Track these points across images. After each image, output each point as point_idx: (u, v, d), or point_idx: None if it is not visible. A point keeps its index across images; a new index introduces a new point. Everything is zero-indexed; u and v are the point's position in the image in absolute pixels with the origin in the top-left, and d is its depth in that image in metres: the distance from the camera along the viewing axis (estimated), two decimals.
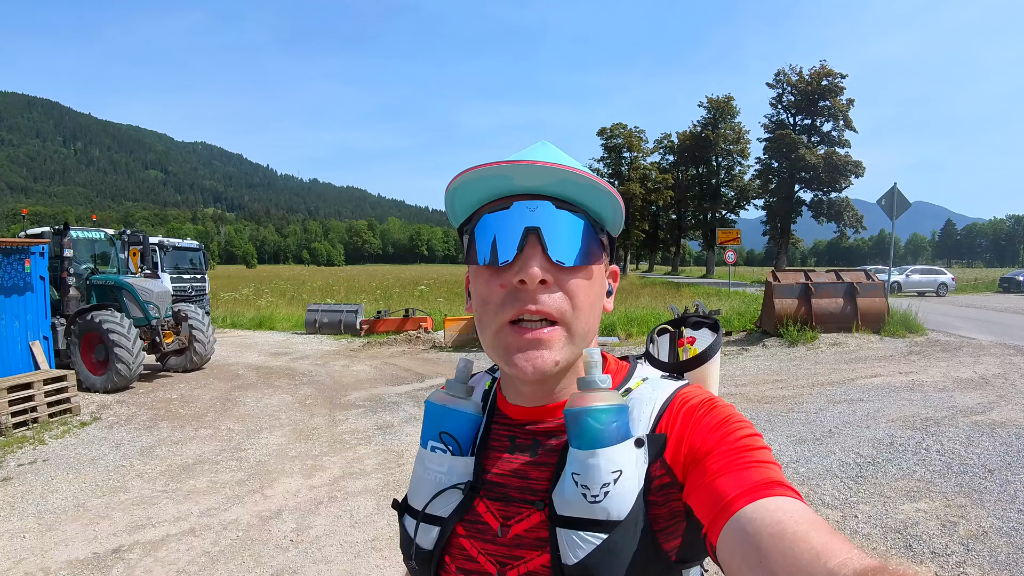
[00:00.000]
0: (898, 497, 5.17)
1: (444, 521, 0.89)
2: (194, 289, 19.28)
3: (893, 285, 31.22)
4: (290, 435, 7.60)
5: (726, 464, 0.73)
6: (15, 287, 8.88)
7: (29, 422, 7.84)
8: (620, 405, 0.80)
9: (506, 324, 0.81)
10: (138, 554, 4.46)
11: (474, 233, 0.85)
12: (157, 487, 5.84)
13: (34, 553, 4.52)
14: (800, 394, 8.95)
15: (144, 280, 11.26)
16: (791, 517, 0.63)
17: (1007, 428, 6.98)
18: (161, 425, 8.05)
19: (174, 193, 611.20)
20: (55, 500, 5.56)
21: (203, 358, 11.80)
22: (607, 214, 0.87)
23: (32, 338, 9.11)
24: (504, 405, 0.96)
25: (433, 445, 0.93)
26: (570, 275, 0.82)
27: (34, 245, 9.18)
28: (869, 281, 14.26)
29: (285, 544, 4.62)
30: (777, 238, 60.29)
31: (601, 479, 0.75)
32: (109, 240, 12.37)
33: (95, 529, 4.92)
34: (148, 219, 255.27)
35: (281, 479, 6.04)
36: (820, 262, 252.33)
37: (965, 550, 4.23)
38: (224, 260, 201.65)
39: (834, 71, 54.98)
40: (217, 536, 4.75)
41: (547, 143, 0.89)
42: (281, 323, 20.75)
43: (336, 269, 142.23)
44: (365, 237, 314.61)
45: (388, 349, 14.65)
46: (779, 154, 57.16)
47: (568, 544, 0.76)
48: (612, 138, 70.80)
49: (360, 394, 9.83)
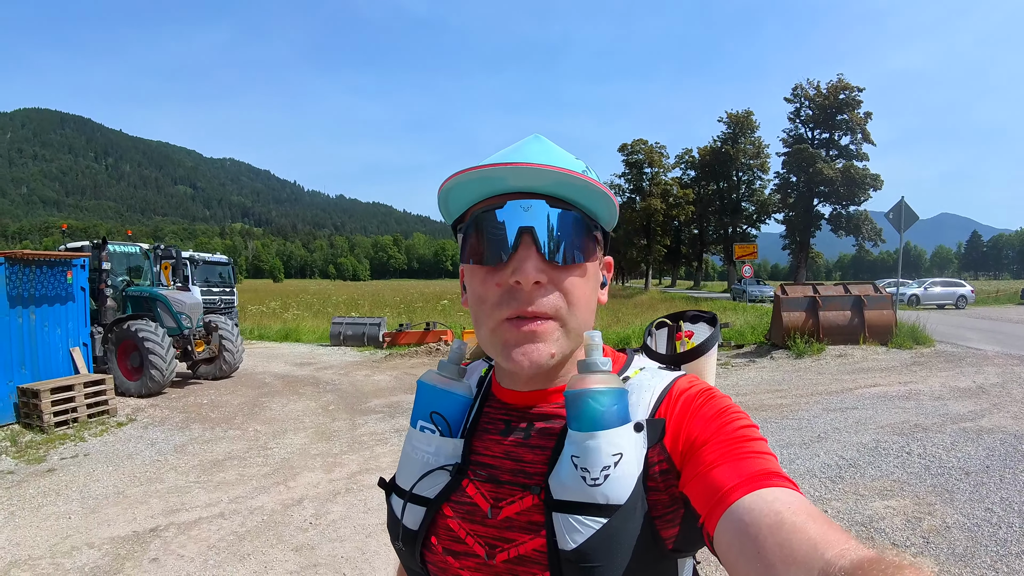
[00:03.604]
0: (871, 495, 5.52)
1: (431, 502, 0.90)
2: (223, 302, 19.93)
3: (912, 298, 31.24)
4: (312, 436, 8.12)
5: (723, 454, 0.74)
6: (57, 297, 9.42)
7: (70, 421, 8.42)
8: (620, 388, 0.81)
9: (503, 320, 0.82)
10: (173, 532, 4.99)
11: (468, 232, 0.87)
12: (190, 478, 6.39)
13: (79, 531, 5.06)
14: (797, 403, 9.28)
15: (177, 292, 11.93)
16: (789, 508, 0.64)
17: (993, 434, 7.23)
18: (193, 426, 8.60)
19: (203, 208, 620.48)
20: (97, 488, 6.11)
21: (232, 367, 12.39)
22: (601, 211, 0.88)
23: (72, 344, 9.66)
24: (499, 390, 0.97)
25: (423, 425, 0.95)
26: (565, 273, 0.83)
27: (76, 258, 9.77)
28: (877, 294, 14.50)
29: (305, 526, 5.14)
30: (796, 252, 60.28)
31: (601, 461, 0.76)
32: (144, 254, 13.05)
33: (134, 512, 5.45)
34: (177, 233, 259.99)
35: (303, 473, 6.56)
36: (845, 275, 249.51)
37: (925, 543, 4.57)
38: (251, 274, 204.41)
39: (851, 84, 55.18)
40: (244, 519, 5.28)
41: (540, 137, 0.90)
42: (307, 335, 21.32)
43: (361, 284, 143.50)
44: (390, 252, 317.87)
45: (409, 360, 15.13)
46: (797, 168, 57.27)
47: (565, 528, 0.76)
48: (633, 154, 71.02)
49: (380, 401, 10.32)
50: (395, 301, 37.28)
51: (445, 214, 0.93)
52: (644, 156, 70.39)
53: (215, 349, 11.92)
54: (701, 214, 70.95)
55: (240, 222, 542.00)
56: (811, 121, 58.46)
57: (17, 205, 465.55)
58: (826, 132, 57.86)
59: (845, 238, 57.59)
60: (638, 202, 68.55)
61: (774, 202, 63.00)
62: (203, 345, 11.74)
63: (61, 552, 4.67)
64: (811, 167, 54.82)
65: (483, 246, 0.84)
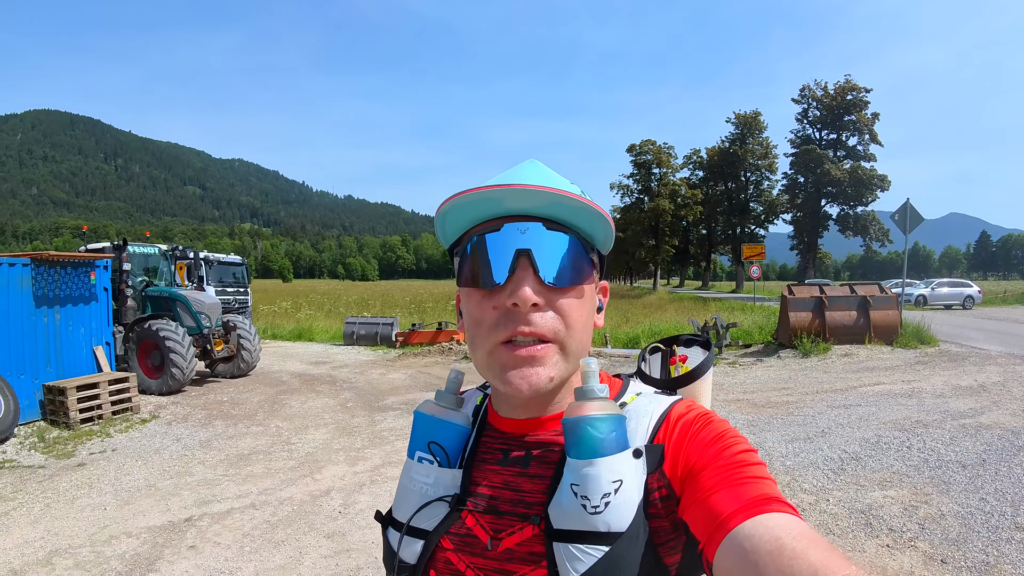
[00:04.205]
0: (871, 486, 5.78)
1: (429, 535, 0.89)
2: (237, 302, 20.30)
3: (919, 299, 31.35)
4: (334, 432, 8.42)
5: (722, 480, 0.74)
6: (81, 297, 9.71)
7: (95, 418, 8.73)
8: (619, 415, 0.80)
9: (499, 344, 0.82)
10: (208, 522, 5.28)
11: (465, 254, 0.87)
12: (218, 472, 6.69)
13: (116, 521, 5.35)
14: (802, 400, 9.51)
15: (197, 292, 12.24)
16: (789, 534, 0.64)
17: (992, 430, 7.45)
18: (215, 423, 8.90)
19: (212, 209, 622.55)
20: (128, 481, 6.41)
21: (249, 365, 12.72)
22: (597, 233, 0.88)
23: (95, 343, 9.96)
24: (496, 419, 0.97)
25: (420, 456, 0.94)
26: (561, 295, 0.83)
27: (99, 259, 10.06)
28: (882, 295, 14.69)
29: (334, 515, 5.44)
30: (804, 253, 60.40)
31: (601, 489, 0.75)
32: (162, 255, 13.37)
33: (167, 503, 5.75)
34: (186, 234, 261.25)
35: (328, 466, 6.86)
36: (853, 276, 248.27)
37: (920, 528, 4.83)
38: (260, 274, 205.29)
39: (858, 85, 55.35)
40: (275, 509, 5.57)
41: (536, 161, 0.91)
42: (320, 335, 21.66)
43: (370, 284, 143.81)
44: (399, 253, 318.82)
45: (422, 359, 15.44)
46: (805, 169, 57.55)
47: (567, 558, 0.76)
48: (641, 154, 71.02)
49: (396, 398, 10.61)
50: (405, 301, 37.69)
51: (442, 237, 0.93)
52: (652, 156, 70.39)
53: (233, 348, 12.22)
54: (709, 214, 70.95)
55: (249, 222, 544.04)
56: (818, 122, 58.68)
57: (27, 206, 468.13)
58: (833, 133, 58.08)
59: (853, 238, 57.69)
60: (646, 202, 68.65)
61: (782, 202, 63.12)
62: (222, 344, 12.05)
63: (100, 541, 4.95)
64: (819, 168, 55.05)
65: (480, 269, 0.84)
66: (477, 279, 0.84)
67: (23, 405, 8.26)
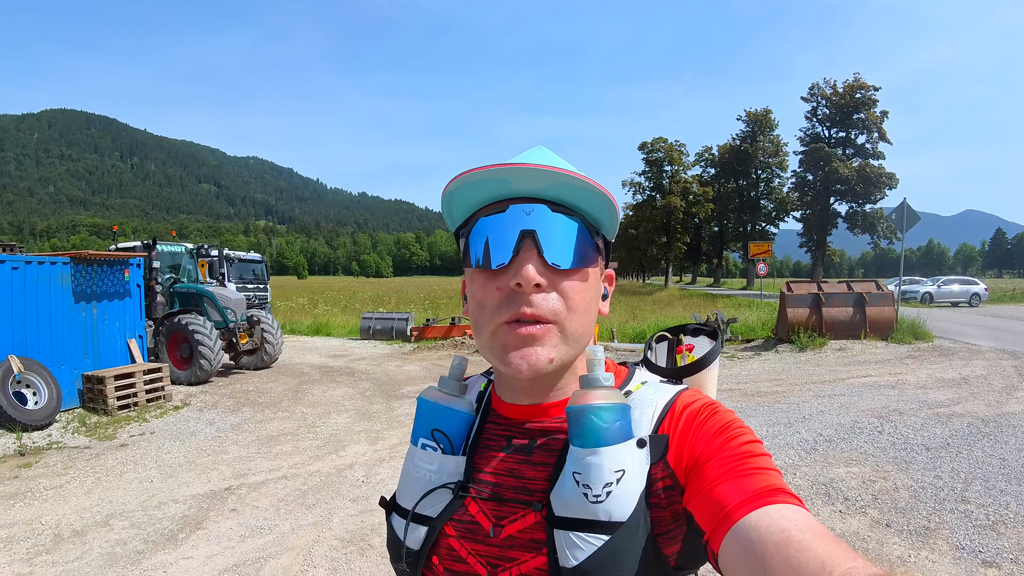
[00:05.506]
0: (836, 463, 6.40)
1: (433, 521, 0.90)
2: (257, 298, 20.95)
3: (925, 296, 31.69)
4: (354, 416, 9.10)
5: (727, 471, 0.73)
6: (116, 293, 10.35)
7: (131, 405, 9.40)
8: (623, 404, 0.80)
9: (502, 324, 0.82)
10: (246, 491, 5.99)
11: (470, 237, 0.86)
12: (251, 450, 7.39)
13: (162, 491, 6.03)
14: (791, 390, 10.10)
15: (223, 289, 12.97)
16: (795, 525, 0.63)
17: (963, 419, 7.99)
18: (244, 409, 9.60)
19: (226, 206, 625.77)
20: (169, 459, 7.09)
21: (272, 357, 13.41)
22: (603, 217, 0.87)
23: (129, 336, 10.61)
24: (499, 405, 0.96)
25: (424, 443, 0.94)
26: (565, 277, 0.83)
27: (133, 258, 10.75)
28: (879, 291, 15.24)
29: (358, 484, 6.15)
30: (814, 250, 60.77)
31: (604, 478, 0.75)
32: (189, 253, 14.15)
33: (208, 476, 6.45)
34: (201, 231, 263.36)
35: (351, 445, 7.55)
36: (867, 273, 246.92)
37: (873, 499, 5.43)
38: (276, 271, 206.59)
39: (867, 84, 55.79)
40: (305, 480, 6.28)
41: (543, 148, 0.90)
42: (337, 330, 22.30)
43: (385, 280, 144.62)
44: (413, 249, 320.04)
45: (436, 353, 16.06)
46: (814, 166, 57.99)
47: (567, 546, 0.76)
48: (653, 152, 71.23)
49: (412, 388, 11.25)
50: (419, 297, 38.51)
51: (448, 220, 0.93)
52: (664, 154, 70.60)
53: (258, 341, 12.91)
54: (721, 211, 71.21)
55: (264, 220, 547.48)
56: (828, 120, 59.12)
57: (44, 204, 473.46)
58: (842, 131, 58.47)
59: (862, 236, 57.94)
60: (658, 200, 68.94)
61: (792, 200, 63.45)
62: (247, 337, 12.74)
63: (151, 507, 5.62)
64: (827, 165, 55.44)
65: (485, 250, 0.83)
66: (481, 260, 0.84)
67: (64, 393, 8.89)
